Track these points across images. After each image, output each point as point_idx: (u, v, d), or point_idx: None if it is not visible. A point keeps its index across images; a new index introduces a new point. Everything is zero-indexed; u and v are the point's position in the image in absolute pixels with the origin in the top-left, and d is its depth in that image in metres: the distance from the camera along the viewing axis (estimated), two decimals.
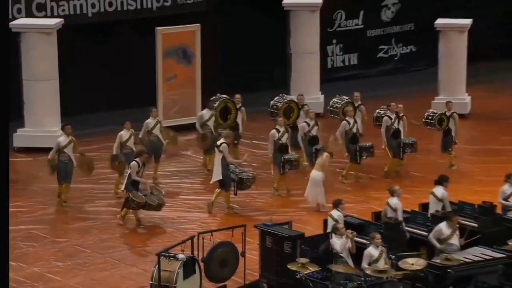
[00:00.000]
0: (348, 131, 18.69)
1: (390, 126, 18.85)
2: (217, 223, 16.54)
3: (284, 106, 19.60)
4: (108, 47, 22.85)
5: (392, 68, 26.62)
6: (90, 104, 21.96)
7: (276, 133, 18.21)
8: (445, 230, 13.80)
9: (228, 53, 24.00)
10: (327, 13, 24.80)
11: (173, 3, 23.25)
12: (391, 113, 18.87)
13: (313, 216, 16.64)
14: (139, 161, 16.77)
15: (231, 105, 19.52)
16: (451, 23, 23.21)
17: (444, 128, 19.24)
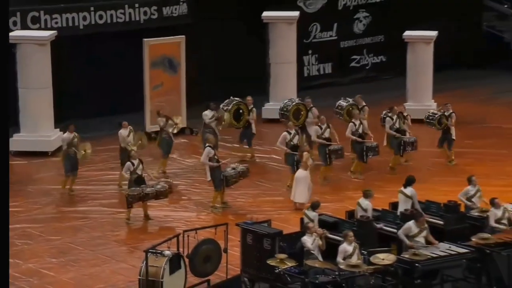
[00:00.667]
0: (354, 132, 18.76)
1: (392, 126, 18.93)
2: (201, 222, 16.50)
3: (294, 109, 19.85)
4: (98, 57, 22.78)
5: (364, 76, 26.70)
6: (82, 110, 21.87)
7: (288, 135, 18.34)
8: (413, 228, 13.84)
9: (211, 63, 23.98)
10: (303, 26, 24.85)
11: (159, 16, 23.21)
12: (393, 114, 18.97)
13: (291, 215, 16.64)
14: (133, 161, 16.70)
15: (243, 107, 19.78)
16: (418, 35, 23.31)
17: (444, 127, 19.51)
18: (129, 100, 22.18)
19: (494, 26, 28.54)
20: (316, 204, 14.65)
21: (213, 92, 22.09)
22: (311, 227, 13.73)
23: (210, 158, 17.15)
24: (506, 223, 14.54)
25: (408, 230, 13.83)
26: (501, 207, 14.56)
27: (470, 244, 13.82)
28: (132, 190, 16.55)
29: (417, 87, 23.09)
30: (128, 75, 22.54)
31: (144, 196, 16.51)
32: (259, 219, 14.68)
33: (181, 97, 22.09)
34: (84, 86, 22.52)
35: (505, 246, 13.75)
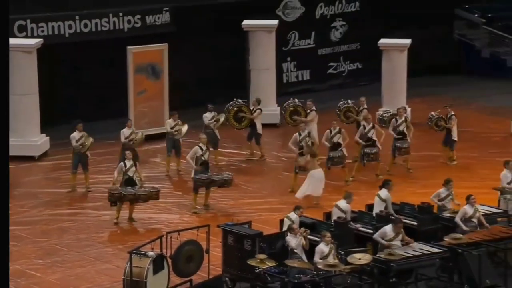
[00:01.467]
0: (364, 134, 18.81)
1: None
2: (184, 223, 16.48)
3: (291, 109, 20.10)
4: (84, 64, 22.72)
5: (341, 83, 26.79)
6: (68, 116, 21.79)
7: (298, 136, 18.38)
8: (389, 232, 13.84)
9: (193, 69, 23.97)
10: (282, 34, 24.91)
11: (143, 24, 23.19)
12: (399, 117, 19.03)
13: (270, 217, 16.65)
14: (127, 162, 16.75)
15: (245, 109, 19.99)
16: (392, 43, 23.42)
17: (442, 130, 19.82)
18: (114, 105, 22.14)
19: (465, 35, 28.75)
20: (298, 206, 14.66)
21: (194, 98, 22.08)
22: (295, 228, 13.70)
23: (197, 157, 17.10)
24: (475, 223, 14.60)
25: (384, 234, 13.84)
26: (474, 207, 14.63)
27: (443, 244, 13.89)
28: (113, 188, 16.49)
29: (391, 93, 23.19)
30: (112, 82, 22.50)
31: (123, 197, 16.44)
32: (240, 221, 14.67)
33: (164, 103, 22.07)
34: (70, 92, 22.46)
35: (476, 246, 13.84)
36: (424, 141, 21.08)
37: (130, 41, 22.18)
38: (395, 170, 19.37)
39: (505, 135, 22.36)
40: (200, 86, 23.44)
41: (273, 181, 19.08)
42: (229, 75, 24.08)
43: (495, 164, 19.02)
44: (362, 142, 18.85)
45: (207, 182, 17.20)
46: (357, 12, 26.72)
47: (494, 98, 25.44)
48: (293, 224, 13.93)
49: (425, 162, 19.93)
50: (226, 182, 17.30)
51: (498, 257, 14.14)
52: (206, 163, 17.35)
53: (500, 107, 24.42)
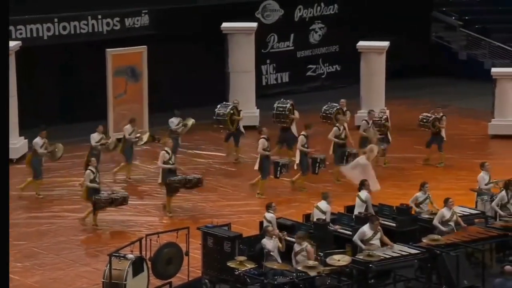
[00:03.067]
0: (338, 136, 18.82)
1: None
2: (163, 226, 16.45)
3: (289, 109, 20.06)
4: (63, 67, 22.62)
5: (320, 85, 26.86)
6: (47, 118, 21.68)
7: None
8: (368, 232, 13.88)
9: (172, 72, 23.93)
10: (261, 36, 24.93)
11: (122, 27, 23.13)
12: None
13: (250, 219, 16.66)
14: (93, 169, 16.65)
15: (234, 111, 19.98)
16: (371, 45, 23.51)
17: (437, 130, 19.87)
18: (93, 108, 22.05)
19: (443, 37, 28.92)
20: (269, 205, 14.64)
21: (174, 100, 22.04)
22: (270, 230, 13.73)
23: (165, 162, 17.11)
24: (452, 225, 14.66)
25: (363, 234, 13.87)
26: (452, 210, 14.69)
27: (421, 245, 13.94)
28: (99, 196, 16.44)
29: (370, 95, 23.28)
30: (91, 84, 22.42)
31: (113, 202, 16.51)
32: (220, 223, 14.66)
33: (143, 105, 22.02)
34: (49, 94, 22.34)
35: (453, 247, 13.90)
36: (402, 143, 21.16)
37: (109, 43, 22.10)
38: None
39: (482, 137, 22.50)
40: (179, 89, 23.38)
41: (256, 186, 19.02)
42: (208, 77, 24.06)
43: (472, 166, 19.12)
44: (337, 140, 18.83)
45: (183, 182, 17.18)
46: (335, 15, 26.79)
47: (471, 100, 25.59)
48: (268, 226, 13.87)
49: (405, 164, 20.00)
50: (200, 181, 17.34)
51: (475, 258, 14.23)
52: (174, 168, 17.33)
53: (477, 109, 24.57)
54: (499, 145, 21.96)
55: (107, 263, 13.32)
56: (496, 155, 21.08)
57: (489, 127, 22.48)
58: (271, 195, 18.00)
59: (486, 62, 27.57)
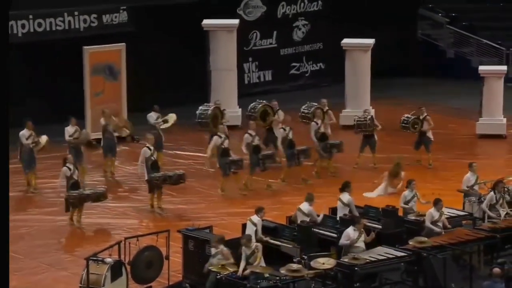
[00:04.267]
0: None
1: (317, 130, 19.10)
2: (143, 229, 16.44)
3: (261, 110, 20.11)
4: (38, 65, 22.54)
5: (303, 83, 26.91)
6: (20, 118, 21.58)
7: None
8: (352, 234, 13.93)
9: (152, 70, 23.92)
10: (244, 33, 24.96)
11: (99, 24, 23.08)
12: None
13: (232, 221, 16.69)
14: (69, 166, 16.69)
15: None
16: (356, 43, 23.58)
17: (418, 130, 19.88)
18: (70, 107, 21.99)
19: (429, 35, 29.05)
20: (260, 208, 14.68)
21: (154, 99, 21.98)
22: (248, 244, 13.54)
23: (147, 158, 17.24)
24: (440, 226, 14.77)
25: (348, 237, 13.92)
26: (440, 211, 14.79)
27: (408, 248, 14.02)
28: (71, 193, 16.49)
29: (355, 94, 23.36)
30: (68, 83, 22.35)
31: (85, 198, 16.55)
32: (201, 226, 14.68)
33: (122, 104, 21.99)
34: (24, 93, 22.24)
35: (440, 249, 13.99)
36: (388, 143, 21.26)
37: (86, 41, 22.05)
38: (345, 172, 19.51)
39: (469, 136, 22.64)
40: (159, 88, 23.37)
41: (235, 184, 19.09)
42: (189, 76, 24.06)
43: (459, 166, 19.25)
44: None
45: (162, 179, 17.27)
46: (319, 11, 26.86)
47: (459, 99, 25.74)
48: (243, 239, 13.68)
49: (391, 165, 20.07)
50: (181, 178, 17.45)
51: (463, 260, 14.32)
52: (156, 163, 17.48)
53: (465, 108, 24.71)
54: (487, 145, 22.12)
55: (85, 268, 13.31)
56: (484, 155, 21.23)
57: (476, 126, 22.62)
58: (253, 196, 18.02)
59: (474, 60, 27.73)
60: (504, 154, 21.64)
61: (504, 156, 21.47)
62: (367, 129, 19.84)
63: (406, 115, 20.41)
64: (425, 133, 20.04)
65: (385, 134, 21.20)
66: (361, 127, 19.95)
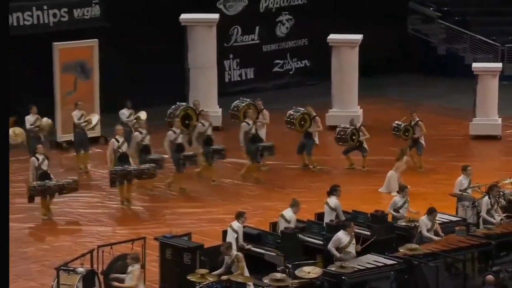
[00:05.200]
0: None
1: (249, 132, 19.05)
2: (117, 236, 16.38)
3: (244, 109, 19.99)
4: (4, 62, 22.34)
5: (287, 82, 26.92)
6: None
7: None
8: (344, 238, 13.93)
9: (127, 68, 23.84)
10: (224, 29, 24.94)
11: (70, 18, 22.98)
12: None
13: (212, 227, 16.66)
14: (38, 156, 16.92)
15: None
16: (342, 39, 23.61)
17: (410, 137, 20.01)
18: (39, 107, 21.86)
19: (420, 30, 29.14)
20: (240, 213, 14.63)
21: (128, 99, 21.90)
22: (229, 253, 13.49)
23: (115, 150, 17.57)
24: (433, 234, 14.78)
25: (338, 241, 13.91)
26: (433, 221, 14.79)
27: (398, 255, 14.03)
28: (34, 183, 16.73)
29: (342, 93, 23.38)
30: (37, 81, 22.24)
31: (47, 189, 16.64)
32: (179, 233, 14.64)
33: (95, 104, 21.91)
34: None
35: (433, 257, 14.00)
36: (377, 145, 21.29)
37: (56, 36, 21.95)
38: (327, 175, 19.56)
39: (463, 137, 22.71)
40: (134, 86, 23.29)
41: (215, 188, 19.08)
42: (166, 74, 24.01)
43: (452, 169, 19.31)
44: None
45: (121, 173, 17.47)
46: (304, 5, 26.89)
47: (451, 98, 25.83)
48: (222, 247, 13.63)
49: (380, 167, 20.12)
50: (144, 173, 17.59)
51: (456, 269, 14.34)
52: (125, 155, 17.74)
53: (457, 107, 24.81)
54: (481, 146, 22.20)
55: (55, 278, 13.23)
56: (477, 157, 21.31)
57: (470, 127, 22.71)
58: (235, 202, 18.02)
59: (467, 57, 27.85)
60: (499, 156, 21.73)
61: (499, 158, 21.56)
62: (348, 143, 19.83)
63: (397, 122, 20.43)
64: (417, 139, 20.12)
65: (374, 135, 21.22)
66: (342, 141, 19.98)
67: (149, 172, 17.85)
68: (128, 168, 17.72)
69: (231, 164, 20.46)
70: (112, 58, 23.02)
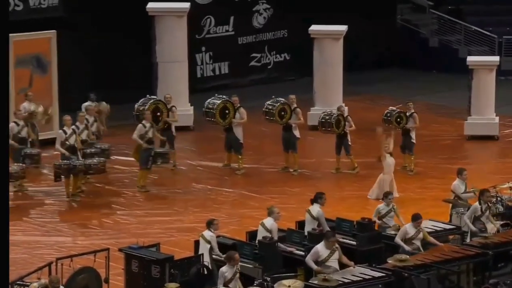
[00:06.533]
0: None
1: (145, 135, 19.06)
2: (78, 247, 16.35)
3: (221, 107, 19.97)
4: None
5: (265, 77, 26.99)
6: None
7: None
8: (322, 251, 13.92)
9: (88, 61, 23.78)
10: (195, 19, 24.94)
11: (25, 8, 22.90)
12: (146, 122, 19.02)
13: (183, 237, 16.66)
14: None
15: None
16: (326, 30, 23.68)
17: (402, 127, 19.94)
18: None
19: (410, 20, 29.28)
20: (211, 221, 14.61)
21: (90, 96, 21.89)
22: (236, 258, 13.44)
23: (62, 142, 18.10)
24: (418, 244, 14.77)
25: (316, 254, 13.91)
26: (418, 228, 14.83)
27: (386, 267, 14.08)
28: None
29: (325, 89, 23.45)
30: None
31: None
32: (146, 243, 14.63)
33: (53, 102, 21.85)
34: None
35: (424, 269, 14.06)
36: (364, 146, 21.38)
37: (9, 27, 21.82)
38: None
39: (457, 138, 22.84)
40: (97, 83, 23.23)
41: (186, 195, 19.09)
42: (132, 68, 23.99)
43: (445, 172, 19.41)
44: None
45: (65, 168, 17.86)
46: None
47: (444, 94, 25.99)
48: (235, 254, 13.59)
49: (367, 170, 20.20)
50: (92, 168, 17.90)
51: (450, 281, 14.42)
52: (73, 148, 18.13)
53: (451, 105, 24.95)
54: (476, 147, 22.34)
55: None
56: (472, 160, 21.45)
57: (465, 126, 22.84)
58: (207, 209, 18.04)
59: (461, 49, 28.04)
60: (496, 158, 21.87)
61: (496, 160, 21.69)
62: (332, 129, 19.87)
63: (391, 108, 20.49)
64: (408, 132, 20.13)
65: (359, 136, 21.31)
66: (325, 126, 20.00)
67: (97, 167, 18.20)
68: (73, 163, 18.01)
69: (203, 167, 20.47)
70: (72, 51, 22.95)
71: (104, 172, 18.64)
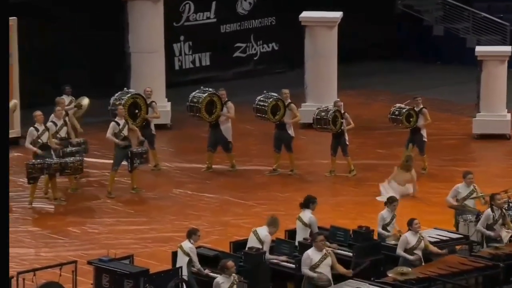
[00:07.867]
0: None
1: (119, 133, 19.03)
2: (42, 260, 16.32)
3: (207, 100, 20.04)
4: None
5: (251, 69, 27.00)
6: None
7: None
8: (313, 255, 13.91)
9: (53, 51, 23.72)
10: (173, 5, 24.92)
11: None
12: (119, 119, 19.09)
13: (158, 248, 16.64)
14: None
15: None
16: (318, 17, 23.69)
17: (413, 125, 19.92)
18: None
19: (412, 6, 29.31)
20: (193, 231, 14.57)
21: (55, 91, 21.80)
22: (231, 267, 13.41)
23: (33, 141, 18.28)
24: (419, 255, 14.77)
25: (308, 260, 13.91)
26: (418, 234, 14.84)
27: (386, 281, 14.09)
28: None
29: (317, 83, 23.45)
30: None
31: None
32: (118, 255, 14.60)
33: (14, 97, 21.76)
34: None
35: (428, 282, 14.09)
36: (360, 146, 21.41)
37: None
38: None
39: (463, 137, 22.87)
40: (63, 76, 23.17)
41: (162, 200, 19.06)
42: (102, 59, 23.94)
43: (451, 175, 19.42)
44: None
45: (39, 167, 17.90)
46: None
47: (450, 89, 26.03)
48: (227, 262, 13.56)
49: (364, 173, 20.21)
50: (68, 167, 17.92)
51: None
52: (46, 146, 18.20)
53: (457, 101, 24.99)
54: (484, 147, 22.37)
55: None
56: (479, 161, 21.49)
57: (473, 124, 22.88)
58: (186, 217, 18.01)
59: (470, 39, 28.08)
60: (507, 159, 21.88)
61: (507, 162, 21.71)
62: (329, 126, 19.80)
63: (399, 105, 20.41)
64: (419, 130, 20.12)
65: (355, 136, 21.31)
66: (321, 123, 19.95)
67: (73, 166, 18.20)
68: (48, 161, 18.01)
69: (182, 170, 20.44)
70: (35, 40, 22.88)
71: (81, 171, 18.62)
